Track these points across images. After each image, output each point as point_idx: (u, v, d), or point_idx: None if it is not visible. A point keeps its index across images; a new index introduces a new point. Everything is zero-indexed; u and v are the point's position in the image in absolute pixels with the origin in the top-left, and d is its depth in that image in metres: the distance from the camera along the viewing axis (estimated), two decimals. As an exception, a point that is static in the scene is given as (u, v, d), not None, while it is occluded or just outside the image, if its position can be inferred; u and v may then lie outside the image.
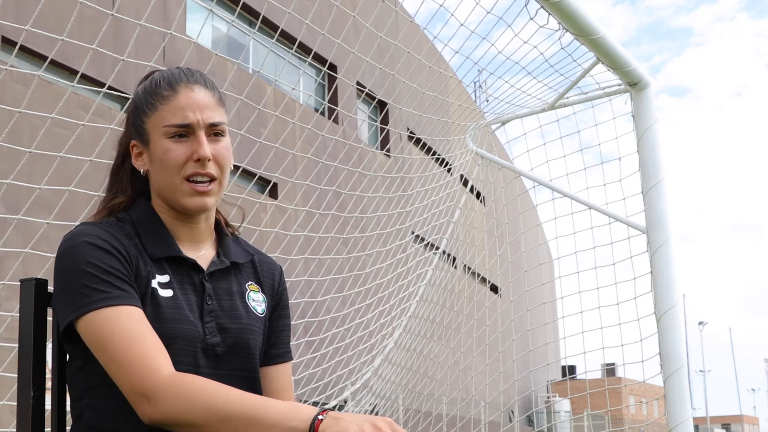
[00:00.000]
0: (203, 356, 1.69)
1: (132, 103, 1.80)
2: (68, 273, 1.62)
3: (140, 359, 1.55)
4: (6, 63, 9.80)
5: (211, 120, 1.73)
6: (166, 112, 1.71)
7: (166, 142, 1.71)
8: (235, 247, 1.86)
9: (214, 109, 1.74)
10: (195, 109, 1.71)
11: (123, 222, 1.74)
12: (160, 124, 1.72)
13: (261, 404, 1.50)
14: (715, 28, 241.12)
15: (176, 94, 1.72)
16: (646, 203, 5.63)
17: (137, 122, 1.76)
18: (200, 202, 1.72)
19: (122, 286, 1.62)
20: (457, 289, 9.84)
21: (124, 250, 1.66)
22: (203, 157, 1.70)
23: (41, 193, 4.58)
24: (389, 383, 8.69)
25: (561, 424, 33.35)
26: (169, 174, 1.71)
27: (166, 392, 1.52)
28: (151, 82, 1.76)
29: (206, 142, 1.71)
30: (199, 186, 1.71)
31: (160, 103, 1.72)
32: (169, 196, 1.73)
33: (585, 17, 4.86)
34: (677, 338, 5.43)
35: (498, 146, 8.35)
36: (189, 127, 1.71)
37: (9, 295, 8.79)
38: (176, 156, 1.70)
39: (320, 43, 5.77)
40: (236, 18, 16.79)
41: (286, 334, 1.91)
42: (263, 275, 1.88)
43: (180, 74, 1.76)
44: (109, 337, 1.57)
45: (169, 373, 1.55)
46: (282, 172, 6.50)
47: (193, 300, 1.72)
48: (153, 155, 1.73)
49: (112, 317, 1.58)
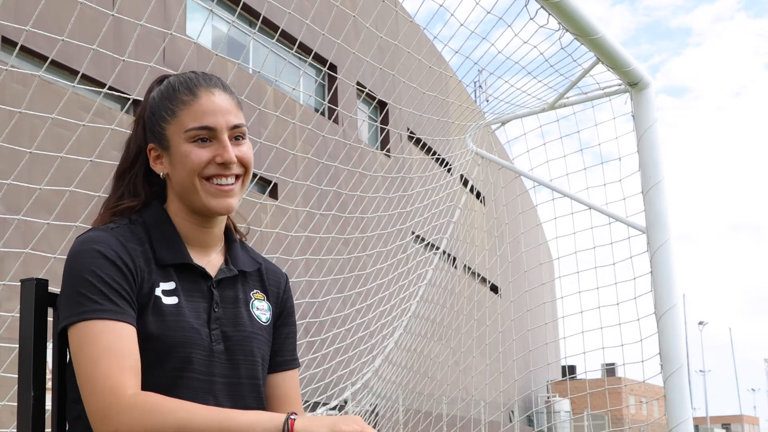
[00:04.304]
0: (217, 364, 1.70)
1: (147, 108, 1.78)
2: (71, 278, 1.63)
3: (105, 379, 1.55)
4: (6, 63, 9.81)
5: (233, 122, 1.73)
6: (187, 117, 1.71)
7: (189, 146, 1.71)
8: (243, 254, 1.86)
9: (234, 113, 1.74)
10: (217, 112, 1.71)
11: (135, 225, 1.74)
12: (182, 129, 1.71)
13: (226, 416, 1.52)
14: (714, 27, 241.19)
15: (197, 98, 1.72)
16: (646, 203, 5.63)
17: (156, 128, 1.75)
18: (224, 203, 1.73)
19: (117, 301, 1.62)
20: (457, 289, 9.85)
21: (130, 261, 1.66)
22: (228, 161, 1.70)
23: (41, 194, 4.58)
24: (389, 383, 8.69)
25: (561, 424, 33.35)
26: (190, 177, 1.71)
27: (125, 413, 1.52)
28: (168, 87, 1.75)
29: (230, 145, 1.72)
30: (223, 186, 1.72)
31: (179, 108, 1.72)
32: (192, 197, 1.73)
33: (585, 17, 4.86)
34: (677, 338, 5.42)
35: (498, 146, 8.35)
36: (212, 131, 1.71)
37: (9, 295, 8.79)
38: (198, 159, 1.70)
39: (320, 43, 5.77)
40: (236, 18, 16.79)
41: (290, 342, 1.91)
42: (269, 283, 1.89)
43: (198, 78, 1.76)
44: (86, 351, 1.58)
45: (132, 393, 1.55)
46: (282, 173, 6.50)
47: (201, 307, 1.72)
48: (174, 159, 1.73)
49: (95, 331, 1.58)
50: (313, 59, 6.43)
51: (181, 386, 1.65)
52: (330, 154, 7.27)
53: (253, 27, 17.56)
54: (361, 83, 16.71)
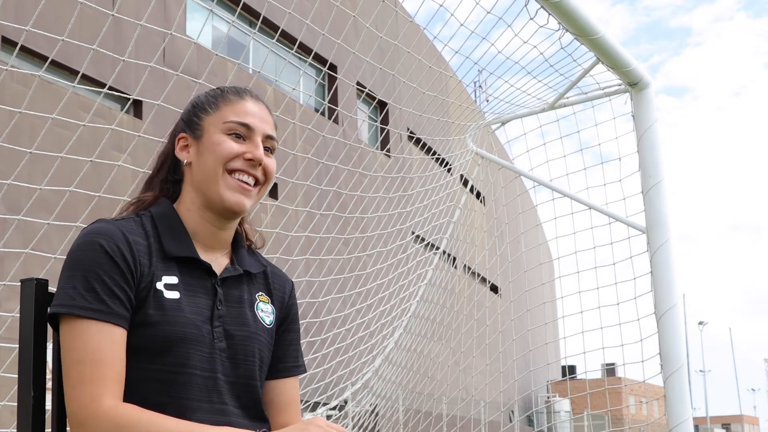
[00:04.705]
0: (219, 362, 1.71)
1: (189, 105, 1.85)
2: (71, 269, 1.64)
3: (89, 384, 1.58)
4: (6, 63, 9.81)
5: (269, 132, 1.81)
6: (229, 112, 1.78)
7: (223, 136, 1.76)
8: (250, 257, 1.88)
9: (272, 127, 1.83)
10: (257, 117, 1.80)
11: (142, 218, 1.76)
12: (221, 120, 1.77)
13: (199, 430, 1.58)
14: (714, 27, 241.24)
15: (243, 100, 1.80)
16: (646, 203, 5.63)
17: (192, 118, 1.81)
18: (239, 199, 1.75)
19: (111, 301, 1.62)
20: (457, 289, 9.85)
21: (130, 256, 1.67)
22: (257, 158, 1.75)
23: (41, 194, 4.58)
24: (389, 383, 8.69)
25: (561, 424, 33.35)
26: (216, 165, 1.74)
27: (102, 423, 1.56)
28: (217, 90, 1.84)
29: (262, 147, 1.78)
30: (243, 184, 1.75)
31: (224, 104, 1.79)
32: (210, 188, 1.75)
33: (585, 17, 4.86)
34: (677, 338, 5.42)
35: (498, 146, 8.35)
36: (250, 130, 1.77)
37: (9, 295, 8.79)
38: (230, 149, 1.75)
39: (320, 43, 5.77)
40: (236, 18, 16.79)
41: (293, 349, 1.91)
42: (274, 287, 1.90)
43: (248, 90, 1.85)
44: (74, 351, 1.60)
45: (111, 405, 1.58)
46: (282, 173, 6.48)
47: (203, 303, 1.72)
48: (203, 147, 1.77)
49: (85, 331, 1.60)
50: (313, 59, 6.44)
51: (178, 383, 1.65)
52: (330, 154, 7.27)
53: (253, 27, 17.56)
54: (361, 83, 16.72)
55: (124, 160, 5.20)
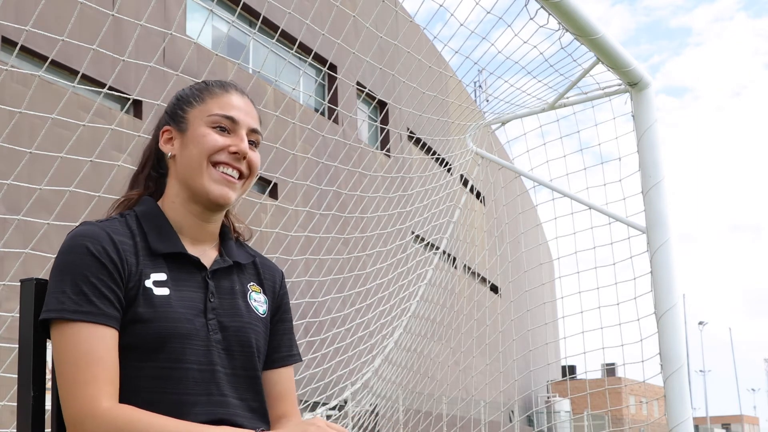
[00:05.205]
0: (216, 354, 1.71)
1: (173, 98, 1.85)
2: (59, 273, 1.65)
3: (84, 386, 1.58)
4: (6, 63, 9.81)
5: (253, 126, 1.81)
6: (214, 105, 1.79)
7: (207, 129, 1.77)
8: (238, 248, 1.88)
9: (256, 121, 1.83)
10: (242, 110, 1.80)
11: (127, 218, 1.76)
12: (205, 113, 1.78)
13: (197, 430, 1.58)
14: (714, 27, 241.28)
15: (228, 93, 1.81)
16: (646, 203, 5.63)
17: (177, 111, 1.81)
18: (224, 192, 1.76)
19: (100, 303, 1.62)
20: (457, 289, 9.85)
21: (117, 257, 1.67)
22: (242, 151, 1.76)
23: (41, 194, 4.58)
24: (389, 383, 8.69)
25: (561, 424, 33.35)
26: (200, 157, 1.75)
27: (100, 424, 1.56)
28: (201, 83, 1.85)
29: (246, 141, 1.79)
30: (228, 176, 1.76)
31: (209, 96, 1.80)
32: (195, 180, 1.76)
33: (585, 17, 4.86)
34: (677, 338, 5.43)
35: (498, 146, 8.35)
36: (234, 123, 1.78)
37: (9, 295, 8.79)
38: (214, 142, 1.76)
39: (320, 43, 5.77)
40: (236, 18, 16.79)
41: (287, 338, 1.92)
42: (265, 277, 1.90)
43: (232, 83, 1.85)
44: (67, 355, 1.60)
45: (108, 406, 1.58)
46: (282, 173, 6.50)
47: (195, 297, 1.72)
48: (188, 139, 1.77)
49: (77, 334, 1.60)
50: (313, 59, 6.44)
51: (173, 378, 1.65)
52: (330, 154, 7.27)
53: (253, 27, 17.56)
54: (361, 83, 16.72)
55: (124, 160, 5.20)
